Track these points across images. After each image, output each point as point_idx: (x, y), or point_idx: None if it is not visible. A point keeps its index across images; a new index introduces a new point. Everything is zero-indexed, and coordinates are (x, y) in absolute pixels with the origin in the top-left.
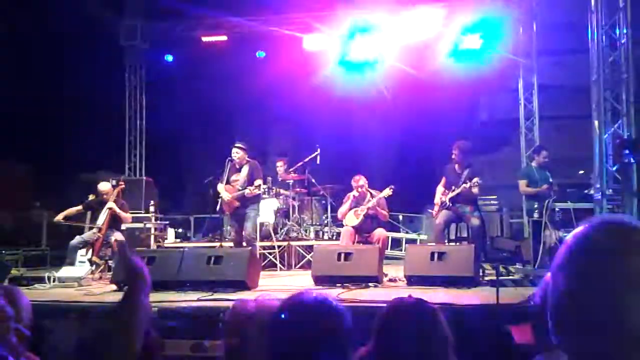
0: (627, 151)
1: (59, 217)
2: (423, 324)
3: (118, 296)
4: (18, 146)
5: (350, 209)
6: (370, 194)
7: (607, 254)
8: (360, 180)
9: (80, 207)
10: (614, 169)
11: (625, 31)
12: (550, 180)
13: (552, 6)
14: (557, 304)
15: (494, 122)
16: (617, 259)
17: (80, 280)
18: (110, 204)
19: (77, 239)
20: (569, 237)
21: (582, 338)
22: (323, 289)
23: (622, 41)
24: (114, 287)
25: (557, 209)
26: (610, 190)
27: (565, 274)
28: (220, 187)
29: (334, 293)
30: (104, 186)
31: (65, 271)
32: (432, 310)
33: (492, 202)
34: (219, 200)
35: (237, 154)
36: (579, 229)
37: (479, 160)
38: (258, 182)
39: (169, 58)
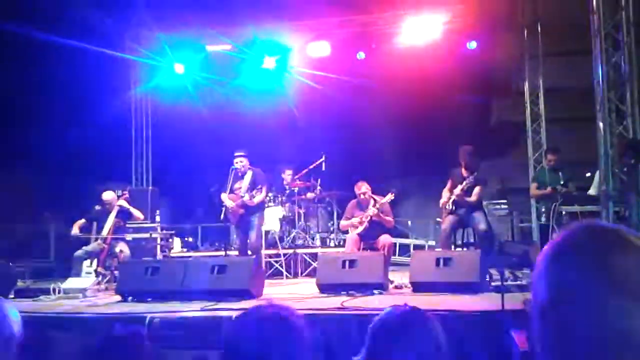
0: (631, 152)
1: (75, 230)
2: (415, 333)
3: (123, 307)
4: (25, 156)
5: (352, 218)
6: (374, 200)
7: (589, 257)
8: (362, 187)
9: (84, 220)
10: (620, 170)
11: (627, 31)
12: (562, 182)
13: (557, 7)
14: (538, 314)
15: (502, 125)
16: (599, 261)
17: (86, 291)
18: (121, 202)
19: (82, 250)
20: (548, 245)
21: (565, 347)
22: (328, 297)
23: (625, 41)
24: (118, 297)
25: (564, 212)
26: (617, 192)
27: (545, 282)
28: (224, 196)
29: (339, 301)
30: (107, 195)
31: (70, 282)
32: (426, 319)
33: (503, 206)
34: (223, 209)
35: (240, 162)
36: (556, 237)
37: (489, 164)
38: (256, 191)
39: (179, 69)
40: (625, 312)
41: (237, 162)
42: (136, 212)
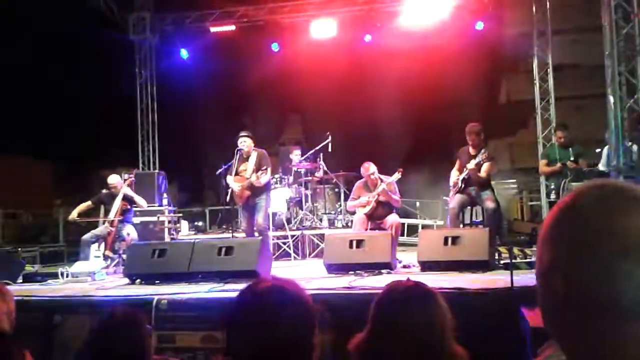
0: None
1: (73, 214)
2: (419, 308)
3: (130, 290)
4: (37, 145)
5: (359, 198)
6: (381, 180)
7: (599, 218)
8: (370, 168)
9: (89, 203)
10: (630, 144)
11: (638, 2)
12: (572, 158)
13: None
14: (542, 283)
15: (511, 103)
16: (610, 222)
17: (94, 274)
18: (125, 189)
19: (90, 233)
20: (556, 205)
21: (571, 317)
22: (335, 277)
23: (636, 12)
24: (126, 280)
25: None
26: (627, 167)
27: (550, 247)
28: (230, 179)
29: (346, 281)
30: (113, 179)
31: (78, 266)
32: (429, 293)
33: (512, 185)
34: (229, 191)
35: (244, 143)
36: (565, 197)
37: (498, 142)
38: (261, 172)
39: (184, 53)
40: (637, 277)
41: (241, 143)
42: (139, 200)
